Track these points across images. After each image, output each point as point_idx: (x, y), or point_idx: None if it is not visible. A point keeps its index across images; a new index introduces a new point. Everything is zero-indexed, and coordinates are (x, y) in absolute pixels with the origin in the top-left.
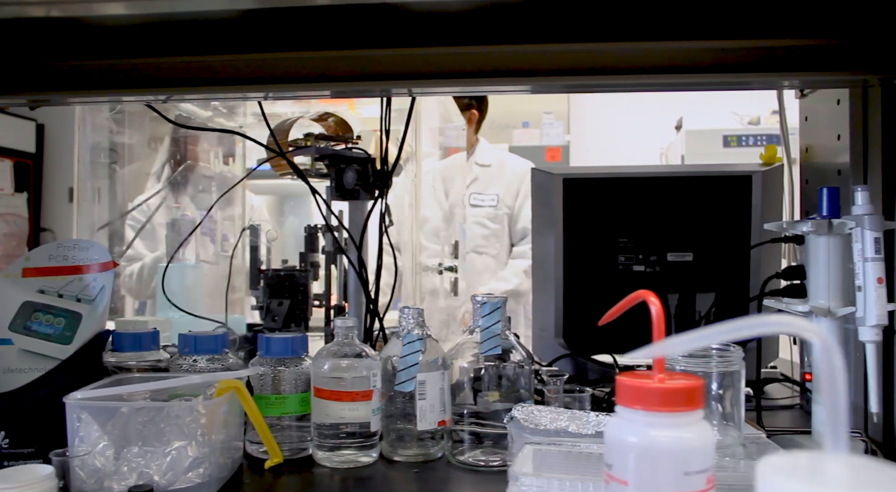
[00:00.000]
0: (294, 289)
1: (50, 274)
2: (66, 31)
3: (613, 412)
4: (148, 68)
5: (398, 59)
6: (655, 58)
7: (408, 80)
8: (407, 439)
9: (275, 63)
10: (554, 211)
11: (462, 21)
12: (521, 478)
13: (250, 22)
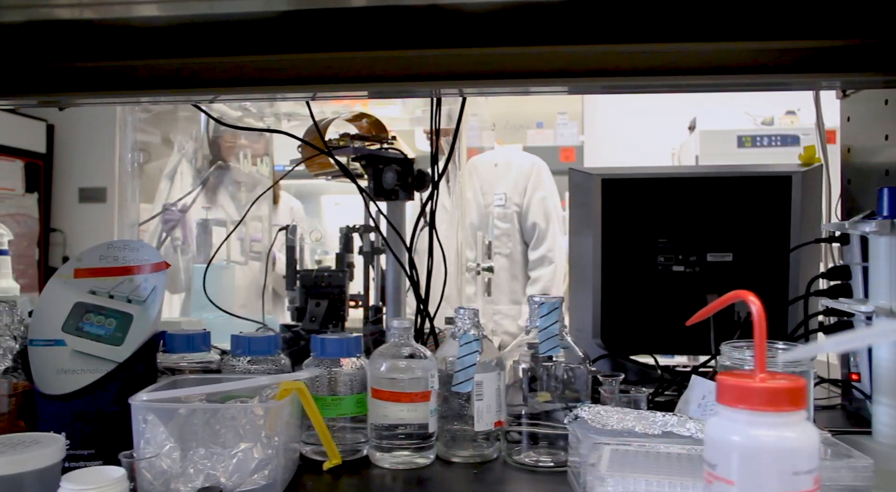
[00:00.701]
0: (331, 290)
1: (101, 275)
2: (108, 34)
3: (673, 413)
4: (194, 69)
5: (448, 60)
6: (693, 59)
7: (458, 81)
8: (461, 439)
9: (321, 63)
10: (592, 211)
11: (506, 22)
12: (608, 479)
13: (292, 23)
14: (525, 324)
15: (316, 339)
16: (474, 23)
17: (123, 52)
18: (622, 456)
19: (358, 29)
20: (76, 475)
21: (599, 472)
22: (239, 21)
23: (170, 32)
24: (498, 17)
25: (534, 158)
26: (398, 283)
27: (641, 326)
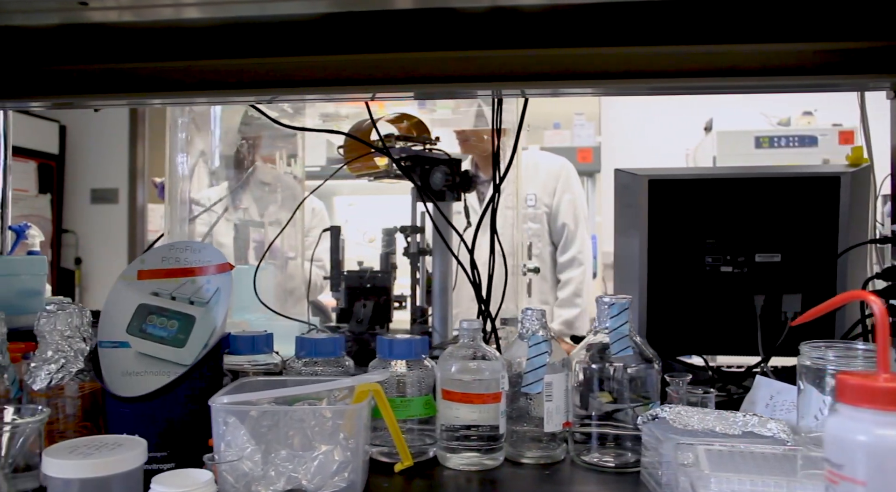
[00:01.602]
0: (376, 291)
1: (163, 276)
2: (152, 37)
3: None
4: (253, 70)
5: (510, 60)
6: (741, 60)
7: (520, 81)
8: (529, 440)
9: (380, 64)
10: (638, 212)
11: (572, 23)
12: (713, 479)
13: (351, 24)
14: (594, 325)
15: (384, 340)
16: (534, 23)
17: (176, 54)
18: (716, 456)
19: (416, 30)
20: (165, 478)
21: (702, 472)
22: (288, 22)
23: (217, 33)
24: (559, 17)
25: (562, 159)
26: (445, 284)
27: (688, 326)
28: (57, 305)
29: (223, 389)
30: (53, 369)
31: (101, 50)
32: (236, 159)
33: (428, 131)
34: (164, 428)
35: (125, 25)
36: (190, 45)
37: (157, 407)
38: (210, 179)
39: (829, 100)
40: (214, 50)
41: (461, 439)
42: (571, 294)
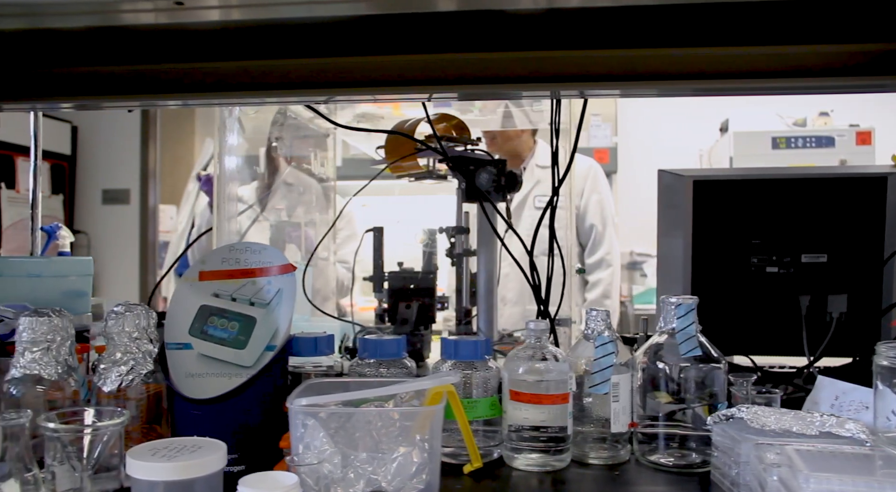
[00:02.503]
0: (420, 292)
1: (223, 277)
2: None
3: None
4: (310, 69)
5: (569, 61)
6: (777, 61)
7: (579, 82)
8: (594, 441)
9: (440, 64)
10: (682, 213)
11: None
12: (812, 480)
13: (402, 26)
14: (659, 325)
15: (449, 341)
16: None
17: (230, 56)
18: (807, 456)
19: (468, 32)
20: (251, 480)
21: (799, 472)
22: (340, 23)
23: (266, 34)
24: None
25: (590, 160)
26: (490, 285)
27: (732, 326)
28: (124, 306)
29: (295, 390)
30: (124, 370)
31: (148, 52)
32: (267, 159)
33: (468, 132)
34: (234, 430)
35: (188, 27)
36: (243, 46)
37: (227, 409)
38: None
39: (846, 100)
40: (270, 51)
41: (529, 440)
42: (600, 296)
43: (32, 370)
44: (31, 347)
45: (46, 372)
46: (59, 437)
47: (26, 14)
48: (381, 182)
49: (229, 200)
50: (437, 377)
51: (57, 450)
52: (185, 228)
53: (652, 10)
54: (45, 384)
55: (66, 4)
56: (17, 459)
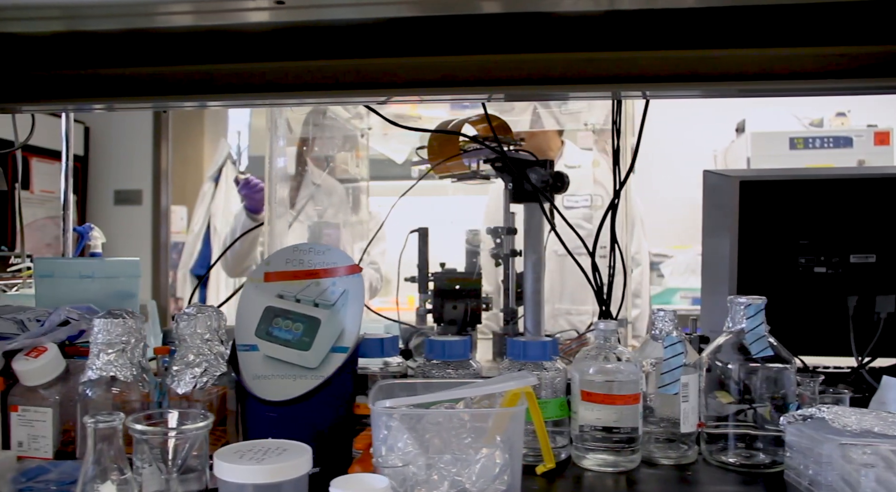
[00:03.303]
0: (465, 293)
1: (287, 278)
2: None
3: None
4: (368, 70)
5: (628, 62)
6: (797, 63)
7: (640, 83)
8: (663, 441)
9: (495, 65)
10: (728, 213)
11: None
12: None
13: (460, 26)
14: (727, 325)
15: (517, 342)
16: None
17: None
18: None
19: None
20: (343, 482)
21: None
22: (392, 23)
23: (321, 35)
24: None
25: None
26: (537, 286)
27: (779, 326)
28: (195, 308)
29: (372, 392)
30: (198, 372)
31: (192, 53)
32: (298, 160)
33: (511, 132)
34: (308, 432)
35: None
36: (294, 46)
37: (302, 411)
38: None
39: (863, 101)
40: (324, 51)
41: (601, 440)
42: (631, 295)
43: (108, 372)
44: (106, 349)
45: (122, 374)
46: (148, 439)
47: (66, 17)
48: (400, 183)
49: (280, 201)
50: (517, 378)
51: (144, 452)
52: (200, 229)
53: (714, 11)
54: (120, 386)
55: (117, 6)
56: (111, 460)
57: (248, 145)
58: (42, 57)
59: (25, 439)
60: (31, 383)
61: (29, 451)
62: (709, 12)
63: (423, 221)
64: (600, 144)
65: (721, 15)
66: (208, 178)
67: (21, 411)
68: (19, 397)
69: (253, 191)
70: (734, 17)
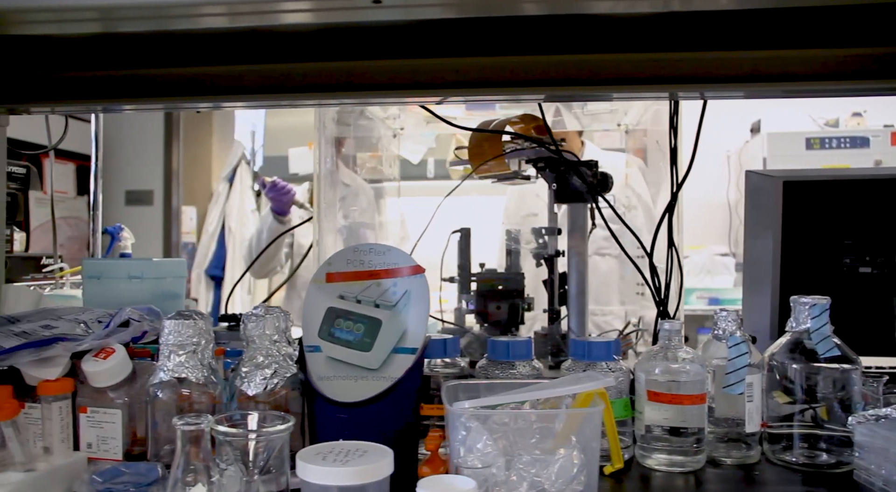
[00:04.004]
0: (509, 293)
1: (348, 279)
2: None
3: None
4: (426, 70)
5: (686, 63)
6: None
7: (698, 84)
8: (727, 440)
9: (551, 66)
10: (771, 213)
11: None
12: None
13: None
14: (790, 324)
15: (580, 342)
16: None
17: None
18: None
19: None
20: (429, 483)
21: None
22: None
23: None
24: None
25: (639, 161)
26: (582, 286)
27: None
28: (263, 309)
29: (443, 392)
30: (268, 374)
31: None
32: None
33: (550, 133)
34: (377, 434)
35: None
36: (336, 47)
37: (373, 412)
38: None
39: (879, 100)
40: (384, 51)
41: (668, 440)
42: (641, 295)
43: (180, 374)
44: (177, 351)
45: (194, 375)
46: (232, 441)
47: (102, 19)
48: (415, 183)
49: (328, 204)
50: (594, 379)
51: (227, 454)
52: (215, 229)
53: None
54: (192, 387)
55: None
56: (201, 462)
57: (262, 144)
58: (76, 58)
59: (94, 441)
60: (100, 385)
61: (98, 452)
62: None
63: (442, 221)
64: (630, 144)
65: (768, 17)
66: (222, 178)
67: (90, 412)
68: (88, 399)
69: (280, 193)
70: (783, 18)
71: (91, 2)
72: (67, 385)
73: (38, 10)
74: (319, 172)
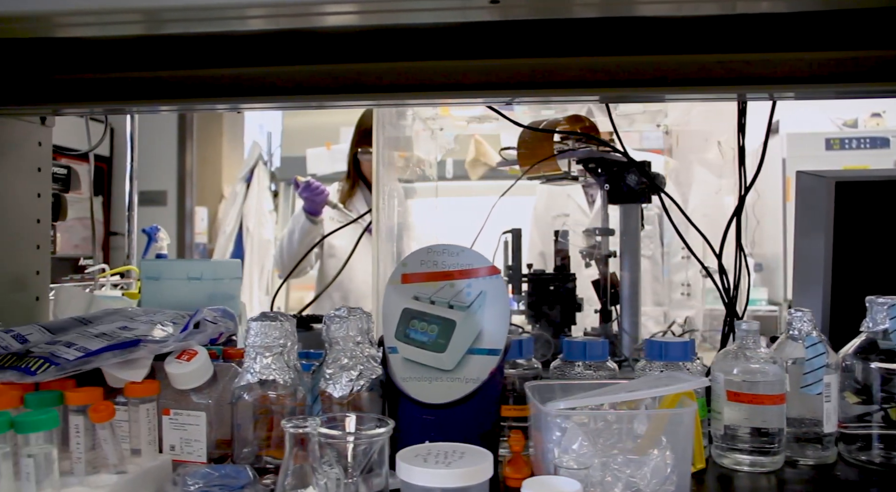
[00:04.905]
0: (561, 293)
1: (423, 280)
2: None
3: None
4: (493, 71)
5: (753, 64)
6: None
7: (765, 85)
8: (803, 441)
9: (613, 66)
10: (822, 214)
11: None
12: None
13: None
14: (866, 324)
15: (656, 343)
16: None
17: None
18: None
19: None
20: (534, 484)
21: None
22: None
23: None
24: None
25: (673, 162)
26: (635, 287)
27: None
28: (346, 310)
29: (530, 392)
30: (354, 375)
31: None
32: (352, 161)
33: (599, 134)
34: (462, 435)
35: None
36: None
37: (460, 414)
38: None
39: None
40: (445, 51)
41: (748, 440)
42: (688, 296)
43: (267, 376)
44: (263, 352)
45: (280, 377)
46: (334, 443)
47: (147, 21)
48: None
49: (389, 199)
50: (688, 380)
51: (328, 456)
52: (232, 230)
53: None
54: (279, 389)
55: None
56: (310, 464)
57: (280, 144)
58: (111, 59)
59: (178, 443)
60: (184, 387)
61: (182, 454)
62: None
63: (461, 222)
64: (668, 144)
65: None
66: (239, 179)
67: (173, 414)
68: (170, 401)
69: (314, 194)
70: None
71: (136, 4)
72: (154, 387)
73: (83, 13)
74: (379, 172)
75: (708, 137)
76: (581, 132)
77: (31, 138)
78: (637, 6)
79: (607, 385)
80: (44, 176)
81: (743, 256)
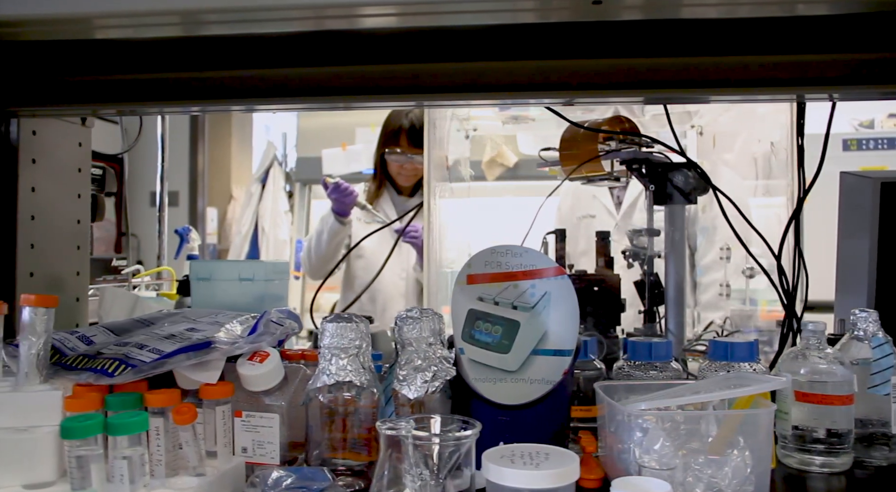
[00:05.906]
0: (605, 294)
1: (487, 281)
2: None
3: None
4: (552, 72)
5: (813, 66)
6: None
7: (827, 85)
8: (870, 441)
9: (650, 68)
10: (867, 214)
11: None
12: None
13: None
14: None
15: (721, 344)
16: None
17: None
18: None
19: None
20: (624, 484)
21: None
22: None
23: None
24: None
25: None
26: (681, 288)
27: None
28: (418, 310)
29: (600, 391)
30: (428, 376)
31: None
32: (380, 162)
33: (673, 134)
34: (535, 436)
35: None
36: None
37: (534, 414)
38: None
39: None
40: (503, 52)
41: (817, 441)
42: (716, 297)
43: (344, 377)
44: (339, 354)
45: (357, 379)
46: (422, 445)
47: (186, 22)
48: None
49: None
50: (769, 380)
51: (416, 458)
52: (248, 231)
53: None
54: (354, 391)
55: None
56: (408, 466)
57: (295, 145)
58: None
59: (250, 445)
60: (256, 389)
61: (255, 457)
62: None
63: (479, 223)
64: (702, 146)
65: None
66: (254, 179)
67: (245, 416)
68: (243, 403)
69: (343, 195)
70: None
71: (174, 6)
72: (228, 389)
73: (122, 16)
74: (430, 171)
75: (735, 138)
76: (642, 134)
77: (72, 139)
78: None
79: (675, 385)
80: (83, 177)
81: (801, 258)
